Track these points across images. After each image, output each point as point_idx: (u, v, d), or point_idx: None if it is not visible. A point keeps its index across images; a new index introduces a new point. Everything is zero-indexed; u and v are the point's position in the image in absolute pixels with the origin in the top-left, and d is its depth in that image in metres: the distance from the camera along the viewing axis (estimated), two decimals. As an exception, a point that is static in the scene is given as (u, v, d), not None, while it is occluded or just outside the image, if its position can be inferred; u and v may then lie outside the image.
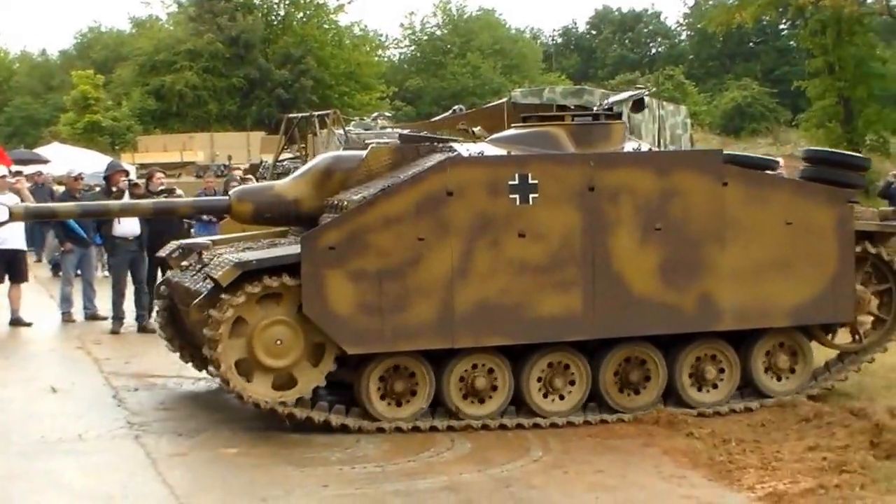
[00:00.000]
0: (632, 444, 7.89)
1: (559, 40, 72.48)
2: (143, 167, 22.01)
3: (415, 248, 8.01)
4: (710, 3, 58.11)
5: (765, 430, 8.11)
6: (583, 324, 8.31)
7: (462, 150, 8.63)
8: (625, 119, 12.85)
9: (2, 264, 13.81)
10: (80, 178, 15.47)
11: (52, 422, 8.73)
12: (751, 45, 61.79)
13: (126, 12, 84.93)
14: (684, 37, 69.03)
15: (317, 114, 24.98)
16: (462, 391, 8.34)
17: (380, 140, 18.47)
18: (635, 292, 8.37)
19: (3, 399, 9.72)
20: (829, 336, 9.30)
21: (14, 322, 13.87)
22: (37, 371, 10.99)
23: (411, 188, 8.06)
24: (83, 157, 29.89)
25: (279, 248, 8.61)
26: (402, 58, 62.98)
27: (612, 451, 7.74)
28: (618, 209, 8.35)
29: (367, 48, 54.07)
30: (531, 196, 8.21)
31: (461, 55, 57.66)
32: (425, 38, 61.53)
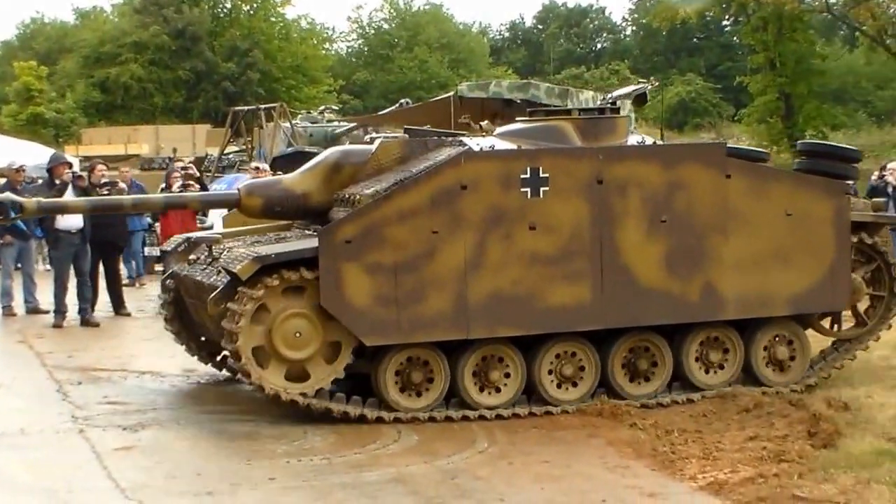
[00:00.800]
0: (576, 435, 7.97)
1: (506, 35, 72.71)
2: (87, 159, 21.70)
3: (429, 241, 8.09)
4: (653, -1, 58.61)
5: (706, 420, 8.20)
6: (592, 314, 8.44)
7: (473, 144, 8.66)
8: (627, 112, 12.93)
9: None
10: (21, 170, 15.21)
11: (-7, 416, 8.62)
12: (695, 40, 62.40)
13: (70, 3, 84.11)
14: (629, 32, 69.61)
15: (263, 107, 24.88)
16: (476, 384, 8.42)
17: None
18: (642, 283, 8.50)
19: (-57, 394, 9.59)
20: (835, 326, 9.47)
21: (-46, 316, 13.69)
22: (-22, 366, 10.84)
23: (426, 182, 8.12)
24: (26, 149, 29.43)
25: (294, 242, 8.59)
26: (350, 51, 62.89)
27: (557, 442, 7.81)
28: (625, 202, 8.46)
29: (315, 41, 53.94)
30: (542, 189, 8.30)
31: (408, 49, 57.62)
32: (373, 31, 61.44)
